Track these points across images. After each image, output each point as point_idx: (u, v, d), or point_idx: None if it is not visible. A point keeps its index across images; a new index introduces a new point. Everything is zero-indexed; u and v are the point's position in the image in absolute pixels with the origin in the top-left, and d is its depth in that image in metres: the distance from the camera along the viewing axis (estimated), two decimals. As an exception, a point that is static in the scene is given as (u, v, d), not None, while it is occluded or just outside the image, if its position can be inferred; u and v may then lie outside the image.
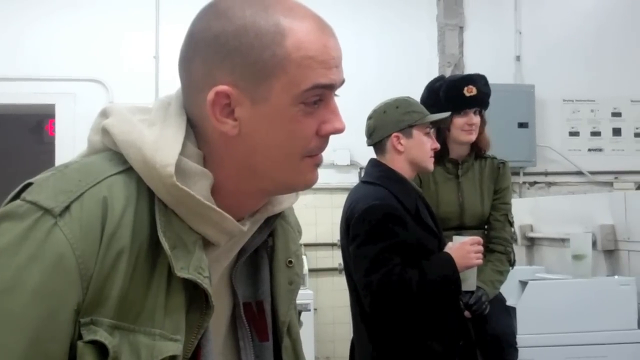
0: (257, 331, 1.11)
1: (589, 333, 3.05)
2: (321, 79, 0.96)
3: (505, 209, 3.06)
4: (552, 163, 5.93)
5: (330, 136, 1.02)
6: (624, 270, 3.44)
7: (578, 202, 4.07)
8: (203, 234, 0.97)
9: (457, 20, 5.71)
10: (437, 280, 2.44)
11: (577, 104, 5.98)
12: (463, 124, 2.99)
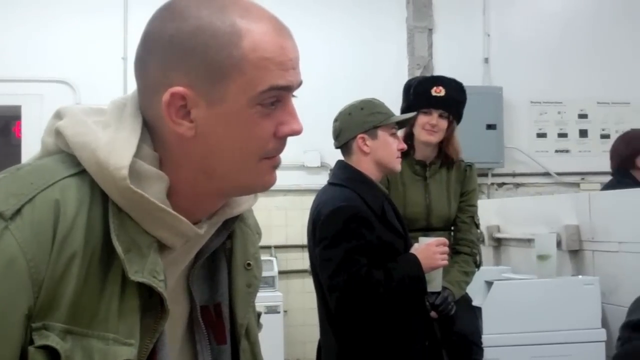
0: (214, 334, 1.11)
1: (554, 332, 3.08)
2: (278, 81, 0.96)
3: (471, 211, 3.09)
4: (519, 164, 5.99)
5: (287, 138, 1.02)
6: (589, 269, 3.48)
7: (544, 203, 4.12)
8: (158, 237, 0.96)
9: (426, 22, 5.75)
10: (403, 281, 2.46)
11: (545, 106, 6.05)
12: (425, 123, 3.01)
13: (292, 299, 5.23)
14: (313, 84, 5.39)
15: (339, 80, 5.35)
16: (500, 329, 3.05)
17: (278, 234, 5.36)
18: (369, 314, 2.45)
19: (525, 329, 3.08)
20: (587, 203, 3.52)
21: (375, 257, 2.45)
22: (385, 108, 2.65)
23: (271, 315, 4.48)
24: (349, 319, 2.47)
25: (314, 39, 5.55)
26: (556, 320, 3.09)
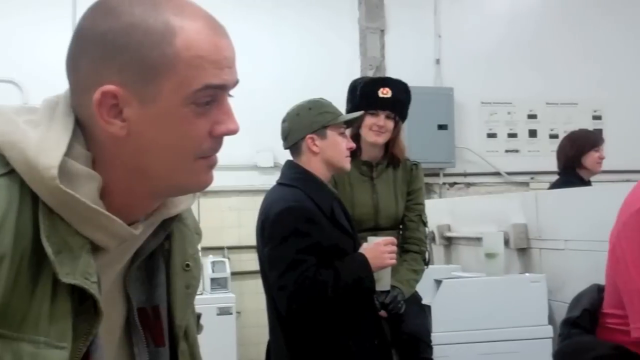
0: (152, 336, 1.09)
1: (502, 329, 3.12)
2: (213, 79, 0.95)
3: (418, 210, 3.11)
4: (470, 164, 6.06)
5: (224, 137, 1.01)
6: (536, 267, 3.54)
7: (493, 202, 4.17)
8: (91, 238, 0.95)
9: (378, 23, 5.78)
10: (351, 281, 2.47)
11: (495, 107, 6.13)
12: (372, 124, 3.04)
13: (246, 300, 5.21)
14: (265, 84, 5.42)
15: (291, 80, 5.35)
16: (449, 327, 3.08)
17: (231, 235, 5.33)
18: (317, 314, 2.45)
19: (474, 326, 3.11)
20: (534, 202, 3.58)
21: (324, 257, 2.45)
22: (333, 108, 2.66)
23: (224, 316, 4.46)
24: (297, 318, 2.47)
25: (267, 39, 5.55)
26: (504, 318, 3.13)
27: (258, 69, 5.43)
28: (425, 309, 3.07)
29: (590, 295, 1.58)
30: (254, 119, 5.16)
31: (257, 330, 5.25)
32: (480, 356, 3.09)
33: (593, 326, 1.50)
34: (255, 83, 5.36)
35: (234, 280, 5.05)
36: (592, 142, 4.13)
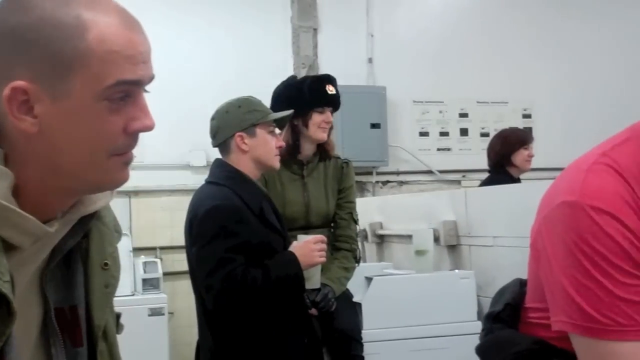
0: (70, 337, 1.07)
1: (432, 326, 3.16)
2: (126, 75, 0.94)
3: (349, 208, 3.13)
4: (403, 162, 6.12)
5: (139, 134, 1.00)
6: (466, 264, 3.60)
7: (423, 200, 4.22)
8: (3, 236, 0.92)
9: (311, 22, 5.79)
10: (281, 279, 2.47)
11: (427, 105, 6.21)
12: (321, 122, 3.06)
13: (179, 301, 5.14)
14: (198, 83, 5.37)
15: (224, 79, 5.30)
16: (380, 324, 3.10)
17: (163, 235, 5.26)
18: (246, 313, 2.45)
19: (405, 323, 3.14)
20: (463, 199, 3.63)
21: (253, 256, 2.45)
22: (263, 106, 2.65)
23: (155, 317, 4.40)
24: (226, 318, 2.46)
25: (199, 38, 5.50)
26: (434, 314, 3.17)
27: (190, 68, 5.39)
28: (356, 306, 3.09)
29: (512, 290, 1.59)
30: (186, 118, 5.13)
31: (190, 330, 5.16)
32: (410, 352, 3.12)
33: (515, 320, 1.52)
34: (188, 82, 5.32)
35: (166, 280, 4.99)
36: (522, 140, 4.24)
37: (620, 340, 1.20)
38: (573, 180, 1.29)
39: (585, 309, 1.22)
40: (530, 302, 1.48)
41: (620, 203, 1.23)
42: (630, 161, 1.28)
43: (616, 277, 1.21)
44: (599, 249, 1.21)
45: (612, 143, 1.33)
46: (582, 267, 1.22)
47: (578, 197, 1.24)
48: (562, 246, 1.25)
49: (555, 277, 1.27)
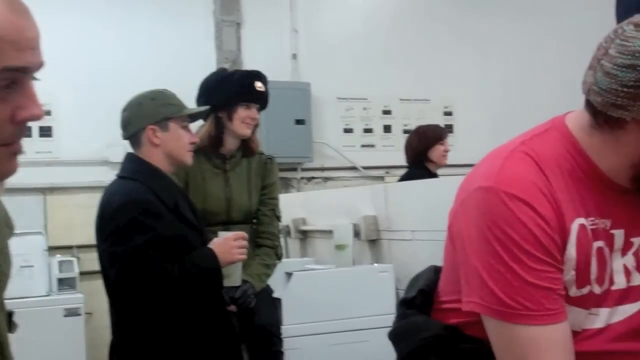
0: None
1: (352, 319, 3.17)
2: (12, 61, 0.89)
3: (272, 204, 3.11)
4: (328, 159, 6.13)
5: (28, 123, 0.95)
6: (385, 258, 3.62)
7: (345, 195, 4.23)
8: None
9: (234, 16, 5.73)
10: (198, 274, 2.43)
11: (351, 102, 6.23)
12: (245, 117, 3.03)
13: (97, 301, 5.00)
14: (117, 77, 5.24)
15: (144, 74, 5.17)
16: (300, 319, 3.09)
17: (80, 233, 5.10)
18: (163, 309, 2.39)
19: (324, 317, 3.14)
20: (383, 194, 3.65)
21: (169, 250, 2.40)
22: (178, 100, 2.60)
23: (71, 318, 4.28)
24: (142, 315, 2.40)
25: (117, 30, 5.38)
26: (353, 308, 3.18)
27: (108, 62, 5.26)
28: (276, 302, 3.07)
29: (427, 276, 1.60)
30: (104, 112, 5.00)
31: (109, 331, 5.08)
32: (330, 347, 3.12)
33: (428, 307, 1.52)
34: (106, 76, 5.19)
35: (83, 280, 4.85)
36: (438, 135, 4.31)
37: (528, 325, 1.24)
38: (491, 166, 1.31)
39: (496, 292, 1.25)
40: (444, 287, 1.49)
41: (535, 191, 1.26)
42: (547, 152, 1.31)
43: (527, 262, 1.24)
44: (511, 234, 1.24)
45: (532, 133, 1.36)
46: (494, 251, 1.25)
47: (494, 183, 1.27)
48: (477, 230, 1.28)
49: (469, 260, 1.29)
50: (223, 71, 3.18)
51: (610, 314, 1.33)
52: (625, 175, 1.30)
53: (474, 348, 1.36)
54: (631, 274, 1.35)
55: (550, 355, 1.23)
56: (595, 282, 1.31)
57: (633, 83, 1.19)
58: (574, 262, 1.28)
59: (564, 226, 1.27)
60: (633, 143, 1.25)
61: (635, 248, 1.35)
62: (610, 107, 1.23)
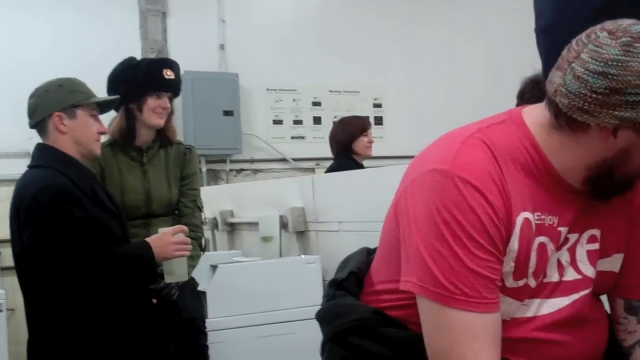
0: None
1: (279, 312, 3.14)
2: None
3: (193, 195, 3.07)
4: (257, 151, 6.09)
5: None
6: (313, 249, 3.61)
7: (273, 187, 4.21)
8: None
9: (159, 5, 5.63)
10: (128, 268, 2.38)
11: (280, 93, 6.20)
12: (156, 106, 2.97)
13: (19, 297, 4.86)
14: (38, 67, 5.04)
15: (67, 64, 5.03)
16: (225, 312, 3.05)
17: (2, 227, 4.94)
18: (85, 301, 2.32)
19: (250, 310, 3.11)
20: (310, 186, 3.64)
21: (91, 237, 2.33)
22: (86, 88, 2.54)
23: None
24: (60, 308, 2.33)
25: (39, 19, 5.23)
26: (280, 300, 3.15)
27: (30, 52, 5.12)
28: (201, 295, 3.03)
29: (358, 259, 1.60)
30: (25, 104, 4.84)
31: (33, 327, 4.95)
32: (257, 339, 3.09)
33: (357, 289, 1.52)
34: (28, 67, 5.03)
35: (6, 275, 4.72)
36: (361, 127, 4.33)
37: (463, 310, 1.24)
38: (447, 149, 1.31)
39: (436, 275, 1.25)
40: (378, 268, 1.49)
41: (488, 179, 1.27)
42: (503, 143, 1.32)
43: (471, 249, 1.24)
44: (460, 219, 1.24)
45: (490, 122, 1.37)
46: (440, 234, 1.25)
47: (449, 167, 1.27)
48: (425, 211, 1.27)
49: (412, 239, 1.28)
50: (130, 60, 3.08)
51: (540, 305, 1.35)
52: (578, 176, 1.32)
53: (398, 332, 1.37)
54: (564, 268, 1.37)
55: (481, 344, 1.24)
56: (531, 276, 1.33)
57: (602, 90, 1.20)
58: (514, 254, 1.29)
59: (510, 218, 1.28)
60: (591, 148, 1.27)
61: (570, 244, 1.37)
62: (577, 111, 1.23)
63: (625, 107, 1.20)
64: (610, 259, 1.42)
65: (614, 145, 1.25)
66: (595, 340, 1.42)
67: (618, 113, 1.20)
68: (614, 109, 1.20)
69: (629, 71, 1.19)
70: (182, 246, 2.54)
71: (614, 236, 1.41)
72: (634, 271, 1.44)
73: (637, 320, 1.45)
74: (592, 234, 1.39)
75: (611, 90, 1.19)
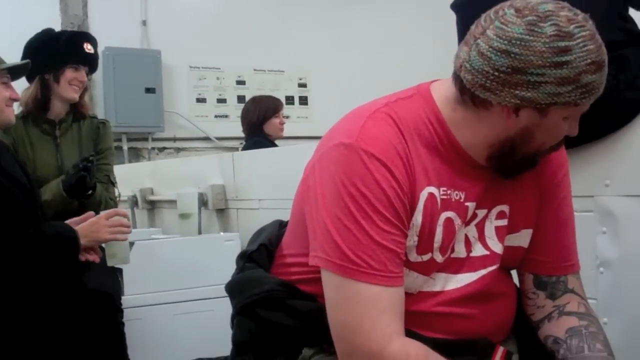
0: None
1: (197, 289, 3.13)
2: None
3: (107, 170, 3.03)
4: (180, 129, 6.04)
5: None
6: (233, 227, 3.60)
7: (193, 164, 4.18)
8: None
9: (79, -21, 5.50)
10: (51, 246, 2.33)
11: (204, 71, 6.15)
12: (73, 79, 2.93)
13: None
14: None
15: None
16: (142, 289, 3.02)
17: None
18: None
19: (168, 287, 3.08)
20: (231, 163, 3.63)
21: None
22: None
23: None
24: None
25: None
26: (199, 277, 3.13)
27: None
28: (117, 271, 2.98)
29: (270, 231, 1.60)
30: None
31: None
32: (175, 316, 3.07)
33: (268, 261, 1.52)
34: None
35: None
36: (274, 107, 4.32)
37: (368, 283, 1.24)
38: (353, 124, 1.30)
39: (342, 248, 1.24)
40: (289, 241, 1.49)
41: (393, 153, 1.27)
42: (409, 117, 1.31)
43: (376, 222, 1.24)
44: (365, 192, 1.24)
45: (397, 96, 1.36)
46: (346, 207, 1.24)
47: (354, 141, 1.26)
48: (331, 185, 1.27)
49: (319, 213, 1.28)
50: (49, 31, 3.03)
51: (447, 280, 1.36)
52: (482, 153, 1.32)
53: (306, 304, 1.37)
54: (472, 244, 1.38)
55: (388, 317, 1.24)
56: (437, 251, 1.33)
57: (505, 69, 1.19)
58: (418, 228, 1.30)
59: (414, 192, 1.29)
60: (494, 125, 1.27)
61: (478, 220, 1.38)
62: (479, 87, 1.23)
63: (527, 87, 1.19)
64: (519, 234, 1.44)
65: (515, 124, 1.25)
66: (503, 315, 1.45)
67: (519, 93, 1.20)
68: (516, 88, 1.19)
69: (531, 51, 1.17)
70: (118, 229, 2.51)
71: (523, 212, 1.42)
72: (543, 247, 1.46)
73: (546, 295, 1.47)
74: (501, 209, 1.40)
75: (513, 70, 1.18)
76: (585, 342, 1.39)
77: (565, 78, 1.19)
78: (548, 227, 1.46)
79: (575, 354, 1.38)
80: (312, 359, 1.38)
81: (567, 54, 1.18)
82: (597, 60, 1.20)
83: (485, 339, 1.39)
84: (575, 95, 1.20)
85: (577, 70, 1.19)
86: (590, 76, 1.20)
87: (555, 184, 1.46)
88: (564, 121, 1.27)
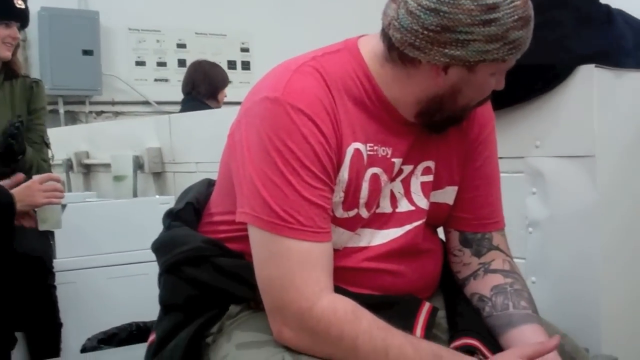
0: None
1: (132, 252, 3.09)
2: None
3: (41, 130, 2.95)
4: (119, 92, 5.92)
5: None
6: (170, 190, 3.56)
7: (129, 127, 4.11)
8: None
9: None
10: None
11: (143, 34, 6.02)
12: (6, 36, 2.83)
13: None
14: None
15: None
16: (75, 252, 2.97)
17: None
18: None
19: (101, 250, 3.04)
20: (168, 126, 3.58)
21: None
22: None
23: None
24: None
25: None
26: (133, 241, 3.09)
27: None
28: (48, 234, 2.93)
29: (198, 189, 1.58)
30: None
31: None
32: (108, 280, 3.04)
33: (195, 220, 1.50)
34: None
35: None
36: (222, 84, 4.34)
37: (297, 239, 1.22)
38: (279, 78, 1.28)
39: (270, 204, 1.23)
40: (216, 199, 1.47)
41: (320, 108, 1.25)
42: (337, 71, 1.30)
43: (304, 177, 1.23)
44: (292, 147, 1.22)
45: (325, 51, 1.35)
46: (273, 162, 1.23)
47: (280, 95, 1.24)
48: (257, 140, 1.25)
49: (246, 169, 1.26)
50: None
51: (373, 235, 1.36)
52: (410, 109, 1.32)
53: (232, 262, 1.35)
54: (398, 200, 1.38)
55: (318, 273, 1.23)
56: (363, 207, 1.33)
57: (434, 27, 1.19)
58: (344, 184, 1.29)
59: (340, 148, 1.28)
60: (422, 83, 1.27)
61: (404, 175, 1.38)
62: (408, 46, 1.22)
63: (456, 46, 1.19)
64: (443, 190, 1.45)
65: (444, 82, 1.26)
66: (429, 271, 1.45)
67: (448, 51, 1.20)
68: (445, 46, 1.20)
69: (460, 9, 1.17)
70: (53, 193, 2.47)
71: (447, 168, 1.43)
72: (468, 204, 1.47)
73: (472, 253, 1.48)
74: (426, 165, 1.41)
75: (442, 28, 1.18)
76: (510, 299, 1.40)
77: (494, 35, 1.19)
78: (473, 185, 1.47)
79: (500, 311, 1.39)
80: (239, 315, 1.36)
81: (495, 11, 1.18)
82: (523, 15, 1.21)
83: (411, 295, 1.40)
84: (503, 51, 1.21)
85: (505, 27, 1.19)
86: (518, 32, 1.21)
87: (480, 142, 1.47)
88: (492, 77, 1.28)
